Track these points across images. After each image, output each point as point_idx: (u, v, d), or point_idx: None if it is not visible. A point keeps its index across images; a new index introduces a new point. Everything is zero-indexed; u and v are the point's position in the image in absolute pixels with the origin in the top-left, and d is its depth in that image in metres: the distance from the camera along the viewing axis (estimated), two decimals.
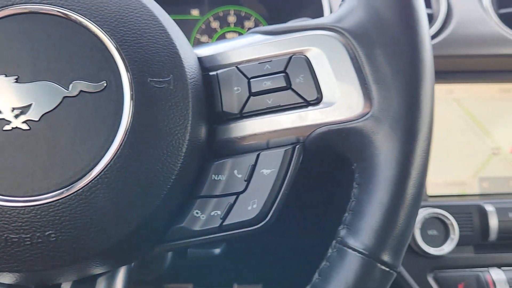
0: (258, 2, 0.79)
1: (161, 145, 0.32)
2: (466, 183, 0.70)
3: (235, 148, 0.37)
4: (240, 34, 0.79)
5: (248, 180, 0.35)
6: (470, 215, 0.65)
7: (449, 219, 0.63)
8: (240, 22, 0.79)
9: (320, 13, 0.68)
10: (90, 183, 0.31)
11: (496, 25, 0.66)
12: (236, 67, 0.37)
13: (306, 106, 0.35)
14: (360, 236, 0.31)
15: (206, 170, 0.36)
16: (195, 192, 0.36)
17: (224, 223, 0.35)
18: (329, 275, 0.32)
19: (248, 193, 0.35)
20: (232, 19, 0.79)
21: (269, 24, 0.79)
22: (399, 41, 0.33)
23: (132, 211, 0.32)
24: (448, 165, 0.70)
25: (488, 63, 0.68)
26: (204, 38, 0.79)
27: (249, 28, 0.79)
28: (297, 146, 0.35)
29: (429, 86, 0.33)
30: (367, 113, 0.33)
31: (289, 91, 0.35)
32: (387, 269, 0.31)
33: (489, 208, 0.64)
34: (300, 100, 0.35)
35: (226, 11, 0.79)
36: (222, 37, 0.79)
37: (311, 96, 0.35)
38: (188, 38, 0.79)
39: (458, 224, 0.64)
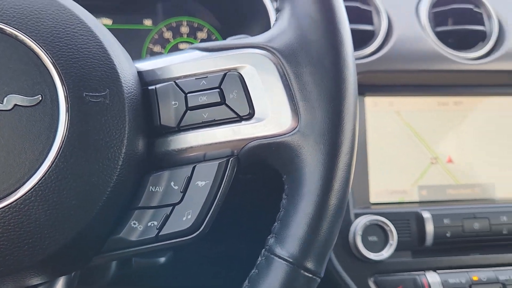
0: (211, 14, 0.81)
1: (96, 159, 0.33)
2: (406, 191, 0.74)
3: (173, 161, 0.38)
4: (192, 44, 0.80)
5: (184, 192, 0.36)
6: (408, 221, 0.68)
7: (388, 226, 0.66)
8: (192, 33, 0.80)
9: (268, 25, 0.70)
10: (24, 196, 0.31)
11: (432, 42, 0.70)
12: (174, 82, 0.38)
13: (239, 121, 0.37)
14: (286, 244, 0.33)
15: (144, 182, 0.37)
16: (133, 204, 0.37)
17: (160, 233, 0.36)
18: (256, 282, 0.33)
19: (184, 204, 0.36)
20: (185, 29, 0.80)
21: (222, 34, 0.81)
22: (323, 61, 0.35)
23: (67, 223, 0.33)
24: (389, 175, 0.73)
25: (426, 78, 0.72)
26: (157, 48, 0.80)
27: (202, 39, 0.81)
28: (231, 159, 0.37)
29: (352, 103, 0.35)
30: (295, 128, 0.35)
31: (223, 106, 0.37)
32: (311, 275, 0.33)
33: (426, 215, 0.68)
34: (234, 115, 0.37)
35: (179, 22, 0.80)
36: (175, 47, 0.80)
37: (243, 111, 0.37)
38: (141, 47, 0.79)
39: (397, 230, 0.67)
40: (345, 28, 0.36)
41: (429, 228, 0.67)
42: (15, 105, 0.32)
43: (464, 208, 0.71)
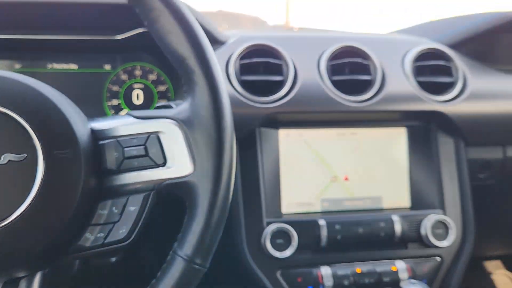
0: (159, 59, 0.99)
1: (63, 193, 0.52)
2: (311, 203, 0.95)
3: (114, 193, 0.57)
4: (145, 85, 0.99)
5: (121, 214, 0.56)
6: (309, 228, 0.89)
7: (291, 231, 0.87)
8: (145, 75, 0.99)
9: None
10: (12, 221, 0.50)
11: (328, 89, 0.91)
12: (116, 139, 0.58)
13: (157, 167, 0.56)
14: (184, 247, 0.53)
15: (95, 207, 0.56)
16: (87, 222, 0.56)
17: (105, 241, 0.55)
18: (162, 274, 0.53)
19: (121, 222, 0.56)
20: (138, 72, 0.99)
21: (168, 75, 1.00)
22: (210, 130, 0.55)
23: (45, 234, 0.51)
24: (298, 190, 0.94)
25: (326, 116, 0.93)
26: (115, 88, 0.98)
27: (153, 80, 0.99)
28: (152, 192, 0.56)
29: (228, 156, 0.55)
30: (192, 172, 0.55)
31: (147, 158, 0.57)
32: (199, 267, 0.53)
33: (322, 222, 0.89)
34: (153, 164, 0.56)
35: (133, 66, 0.99)
36: (130, 87, 0.99)
37: (160, 161, 0.56)
38: (102, 87, 0.98)
39: (299, 234, 0.87)
40: (226, 106, 0.56)
41: (324, 233, 0.88)
42: (9, 160, 0.51)
43: (355, 216, 0.92)
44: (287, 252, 0.86)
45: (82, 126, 0.57)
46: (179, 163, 0.56)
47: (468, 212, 0.95)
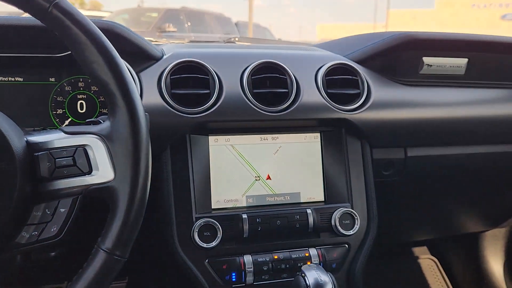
0: None
1: (1, 199, 0.63)
2: (237, 200, 1.08)
3: (48, 197, 0.68)
4: (87, 95, 1.09)
5: (53, 215, 0.67)
6: (233, 221, 1.02)
7: (217, 224, 1.00)
8: (87, 86, 1.09)
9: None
10: None
11: (248, 101, 1.04)
12: (48, 151, 0.69)
13: (84, 175, 0.68)
14: (106, 241, 0.65)
15: (30, 209, 0.67)
16: (23, 222, 0.67)
17: (39, 238, 0.67)
18: (85, 268, 0.65)
19: (52, 222, 0.67)
20: (81, 84, 1.09)
21: None
22: (128, 143, 0.67)
23: None
24: (226, 188, 1.07)
25: (250, 123, 1.06)
26: (60, 98, 1.08)
27: (95, 91, 1.10)
28: (80, 196, 0.68)
29: (144, 165, 0.67)
30: (114, 179, 0.67)
31: (75, 167, 0.68)
32: (119, 258, 0.66)
33: (244, 216, 1.02)
34: (81, 172, 0.68)
35: (76, 78, 1.09)
36: (74, 97, 1.09)
37: (86, 169, 0.68)
38: (47, 98, 1.07)
39: (225, 227, 1.00)
40: (142, 127, 0.68)
41: (246, 225, 1.02)
42: None
43: (275, 210, 1.06)
44: (213, 243, 0.99)
45: (18, 139, 0.67)
46: (102, 171, 0.68)
47: (372, 205, 1.10)
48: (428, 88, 1.21)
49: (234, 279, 1.01)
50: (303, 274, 0.88)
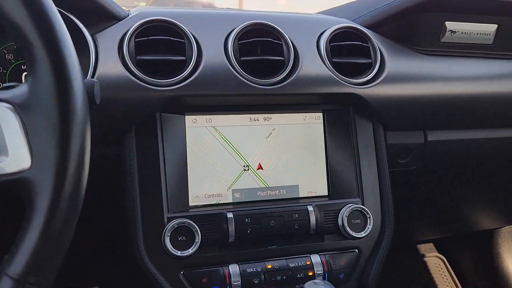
0: None
1: None
2: (222, 194, 0.87)
3: None
4: None
5: None
6: (215, 222, 0.81)
7: (194, 226, 0.78)
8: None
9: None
10: None
11: (234, 70, 0.82)
12: None
13: None
14: (14, 262, 0.43)
15: None
16: None
17: None
18: None
19: None
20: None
21: None
22: (52, 113, 0.45)
23: None
24: (207, 181, 0.86)
25: (237, 99, 0.85)
26: None
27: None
28: None
29: (77, 145, 0.45)
30: (30, 166, 0.45)
31: None
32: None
33: (229, 215, 0.81)
34: None
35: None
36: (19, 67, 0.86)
37: None
38: None
39: (206, 229, 0.79)
40: (74, 89, 0.46)
41: (231, 227, 0.81)
42: None
43: (268, 208, 0.85)
44: (190, 251, 0.78)
45: None
46: (13, 156, 0.46)
47: (387, 201, 0.90)
48: (450, 59, 1.01)
49: None
50: None
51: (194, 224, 0.78)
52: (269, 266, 0.82)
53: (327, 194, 0.91)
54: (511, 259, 1.58)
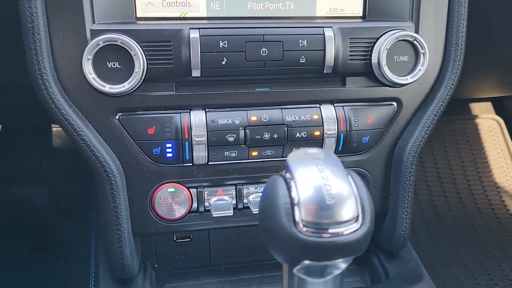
0: None
1: None
2: (190, 2, 0.54)
3: None
4: None
5: None
6: (170, 43, 0.50)
7: (134, 48, 0.48)
8: None
9: None
10: None
11: None
12: None
13: None
14: None
15: None
16: None
17: None
18: None
19: None
20: None
21: None
22: None
23: None
24: None
25: None
26: None
27: None
28: None
29: None
30: None
31: None
32: None
33: (194, 34, 0.50)
34: None
35: None
36: None
37: None
38: None
39: (149, 54, 0.50)
40: None
41: (196, 52, 0.50)
42: None
43: (260, 27, 0.53)
44: (125, 85, 0.49)
45: None
46: None
47: (458, 29, 0.55)
48: None
49: (169, 155, 0.53)
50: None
51: (133, 43, 0.48)
52: (254, 118, 0.53)
53: (360, 14, 0.57)
54: None
